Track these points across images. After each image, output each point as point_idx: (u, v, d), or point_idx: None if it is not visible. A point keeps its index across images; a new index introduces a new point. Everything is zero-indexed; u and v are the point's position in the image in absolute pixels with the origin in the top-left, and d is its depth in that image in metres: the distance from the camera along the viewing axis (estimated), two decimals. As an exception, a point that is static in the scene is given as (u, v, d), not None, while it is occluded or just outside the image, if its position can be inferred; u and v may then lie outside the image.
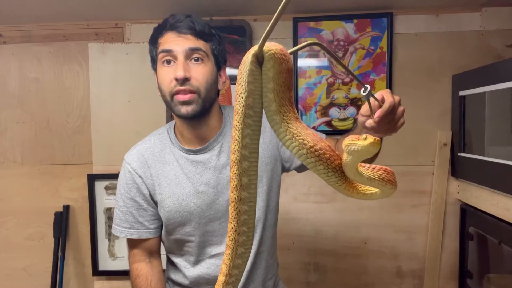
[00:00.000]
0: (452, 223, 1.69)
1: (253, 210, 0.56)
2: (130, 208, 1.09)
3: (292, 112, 0.52)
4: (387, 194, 0.56)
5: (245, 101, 0.51)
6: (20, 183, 1.86)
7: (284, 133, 0.51)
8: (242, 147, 0.52)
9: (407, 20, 1.67)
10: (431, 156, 1.69)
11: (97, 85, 1.78)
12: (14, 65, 1.83)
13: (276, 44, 0.51)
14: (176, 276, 1.15)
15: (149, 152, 1.10)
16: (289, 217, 1.74)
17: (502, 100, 1.39)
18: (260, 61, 0.50)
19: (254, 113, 0.52)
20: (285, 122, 0.51)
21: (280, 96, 0.51)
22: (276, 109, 0.51)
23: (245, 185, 0.54)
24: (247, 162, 0.53)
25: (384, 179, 0.54)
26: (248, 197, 0.55)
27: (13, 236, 1.88)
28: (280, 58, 0.50)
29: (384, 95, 0.75)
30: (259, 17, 1.72)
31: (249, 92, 0.50)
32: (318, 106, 1.71)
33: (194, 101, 1.00)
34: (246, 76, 0.50)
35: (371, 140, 0.49)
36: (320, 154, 0.51)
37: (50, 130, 1.84)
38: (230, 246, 0.59)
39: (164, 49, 1.02)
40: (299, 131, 0.51)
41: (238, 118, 0.52)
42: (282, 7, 0.45)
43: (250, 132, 0.52)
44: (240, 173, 0.54)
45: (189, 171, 1.07)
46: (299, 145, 0.51)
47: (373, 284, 1.75)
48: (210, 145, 1.08)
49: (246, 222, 0.57)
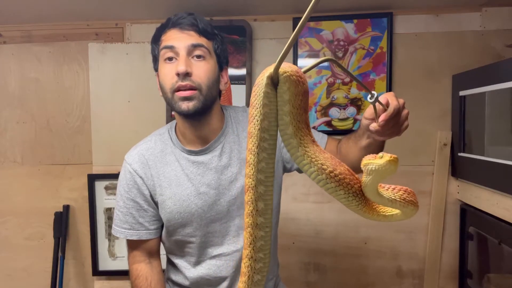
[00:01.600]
0: (452, 223, 1.69)
1: (269, 236, 0.55)
2: (130, 209, 1.09)
3: (309, 135, 0.51)
4: (408, 215, 0.55)
5: (261, 124, 0.49)
6: (20, 183, 1.86)
7: (302, 157, 0.50)
8: (258, 172, 0.51)
9: (407, 20, 1.67)
10: (431, 156, 1.69)
11: (97, 85, 1.78)
12: (14, 65, 1.83)
13: (291, 66, 0.49)
14: (177, 277, 1.15)
15: (150, 152, 1.10)
16: (289, 217, 1.74)
17: (502, 100, 1.39)
18: (275, 83, 0.48)
19: (270, 137, 0.50)
20: (302, 146, 0.50)
21: (297, 119, 0.50)
22: (293, 132, 0.50)
23: (261, 211, 0.53)
24: (263, 187, 0.52)
25: (405, 199, 0.52)
26: (264, 223, 0.53)
27: (13, 236, 1.88)
28: (296, 80, 0.49)
29: (388, 99, 0.74)
30: (259, 17, 1.72)
31: (264, 115, 0.49)
32: (318, 106, 1.71)
33: (195, 97, 0.99)
34: (261, 98, 0.49)
35: (388, 158, 0.48)
36: (340, 179, 0.50)
37: (50, 130, 1.84)
38: (245, 273, 0.57)
39: (166, 46, 1.01)
40: (317, 155, 0.50)
41: (253, 141, 0.51)
42: (298, 28, 0.44)
43: (266, 156, 0.51)
44: (255, 198, 0.52)
45: (190, 172, 1.07)
46: (317, 170, 0.49)
47: (373, 284, 1.75)
48: (211, 146, 1.08)
49: (262, 248, 0.55)
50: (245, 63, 1.71)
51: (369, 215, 0.55)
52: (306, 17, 0.43)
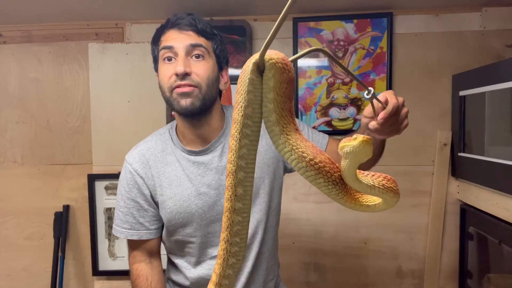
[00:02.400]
0: (452, 223, 1.69)
1: (246, 221, 0.55)
2: (131, 209, 1.09)
3: (292, 123, 0.51)
4: (390, 204, 0.55)
5: (244, 110, 0.49)
6: (20, 183, 1.86)
7: (283, 145, 0.50)
8: (239, 158, 0.51)
9: (407, 20, 1.67)
10: (431, 156, 1.69)
11: (97, 85, 1.78)
12: (14, 65, 1.83)
13: (278, 53, 0.50)
14: (177, 277, 1.14)
15: (150, 152, 1.10)
16: (289, 217, 1.74)
17: (502, 100, 1.39)
18: (261, 70, 0.49)
19: (253, 123, 0.50)
20: (284, 134, 0.50)
21: (281, 106, 0.50)
22: (275, 119, 0.50)
23: (239, 196, 0.53)
24: (242, 173, 0.52)
25: (384, 186, 0.52)
26: (242, 208, 0.54)
27: (13, 236, 1.88)
28: (282, 68, 0.49)
29: (387, 97, 0.74)
30: (259, 17, 1.72)
31: (248, 101, 0.49)
32: (318, 106, 1.71)
33: (194, 94, 0.99)
34: (246, 85, 0.49)
35: (361, 139, 0.48)
36: (320, 167, 0.50)
37: (50, 130, 1.84)
38: (221, 255, 0.58)
39: (165, 46, 1.02)
40: (298, 143, 0.50)
41: (236, 127, 0.51)
42: (283, 15, 0.44)
43: (248, 143, 0.51)
44: (235, 184, 0.52)
45: (191, 172, 1.06)
46: (298, 158, 0.50)
47: (373, 284, 1.75)
48: (212, 146, 1.08)
49: (239, 232, 0.55)
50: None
51: (351, 205, 0.55)
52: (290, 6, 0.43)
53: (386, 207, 0.55)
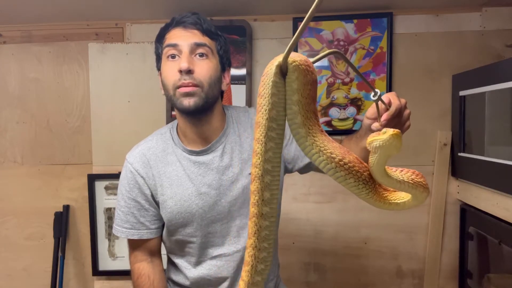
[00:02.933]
0: (452, 223, 1.69)
1: (273, 225, 0.54)
2: (132, 209, 1.09)
3: (317, 124, 0.51)
4: (419, 200, 0.53)
5: (269, 113, 0.49)
6: (20, 183, 1.86)
7: (311, 146, 0.50)
8: (265, 161, 0.51)
9: (407, 20, 1.67)
10: (431, 156, 1.69)
11: (97, 85, 1.78)
12: (14, 65, 1.83)
13: (300, 55, 0.50)
14: (177, 277, 1.15)
15: (151, 152, 1.10)
16: (289, 217, 1.74)
17: (502, 100, 1.39)
18: (284, 72, 0.48)
19: (278, 126, 0.50)
20: (311, 136, 0.50)
21: (305, 108, 0.49)
22: (301, 122, 0.49)
23: (267, 200, 0.52)
24: (269, 177, 0.52)
25: (414, 180, 0.52)
26: (269, 212, 0.53)
27: (13, 236, 1.88)
28: (305, 70, 0.49)
29: (391, 98, 0.75)
30: (259, 17, 1.72)
31: (272, 104, 0.49)
32: (318, 106, 1.71)
33: (197, 94, 1.00)
34: (269, 88, 0.48)
35: (391, 132, 0.48)
36: (350, 167, 0.50)
37: (50, 130, 1.84)
38: (249, 262, 0.57)
39: (169, 44, 1.02)
40: (325, 145, 0.50)
41: (261, 131, 0.50)
42: (307, 18, 0.44)
43: (273, 146, 0.50)
44: (262, 188, 0.52)
45: (192, 172, 1.07)
46: (327, 159, 0.49)
47: (373, 284, 1.75)
48: (213, 146, 1.08)
49: (267, 238, 0.55)
50: (245, 63, 1.71)
51: (380, 204, 0.54)
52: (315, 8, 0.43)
53: (416, 203, 0.55)
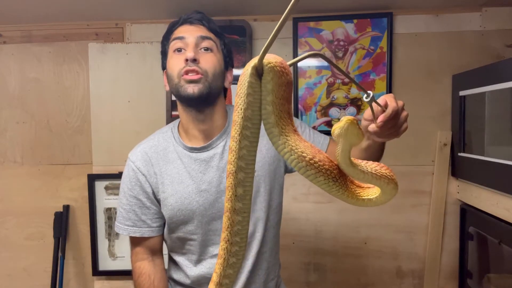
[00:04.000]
0: (452, 223, 1.69)
1: (246, 221, 0.56)
2: (133, 206, 1.09)
3: (290, 124, 0.53)
4: (388, 193, 0.55)
5: (244, 112, 0.51)
6: (20, 183, 1.86)
7: (283, 145, 0.51)
8: (239, 158, 0.53)
9: (407, 20, 1.67)
10: (431, 156, 1.69)
11: (97, 85, 1.78)
12: (14, 65, 1.83)
13: (276, 57, 0.51)
14: (178, 276, 1.15)
15: (153, 150, 1.11)
16: (289, 217, 1.74)
17: (502, 100, 1.39)
18: (260, 73, 0.50)
19: (252, 125, 0.52)
20: (283, 135, 0.51)
21: (279, 108, 0.51)
22: (274, 121, 0.51)
23: (240, 196, 0.54)
24: (243, 173, 0.53)
25: (377, 171, 0.53)
26: (242, 208, 0.55)
27: (13, 236, 1.88)
28: (280, 71, 0.50)
29: (387, 100, 0.75)
30: (259, 17, 1.72)
31: (248, 104, 0.51)
32: (318, 106, 1.71)
33: (201, 81, 1.02)
34: (245, 88, 0.50)
35: (345, 119, 0.50)
36: (320, 166, 0.51)
37: (50, 130, 1.84)
38: (222, 255, 0.59)
39: (176, 37, 1.06)
40: (297, 144, 0.51)
41: (236, 129, 0.52)
42: (283, 20, 0.45)
43: (248, 144, 0.52)
44: (235, 184, 0.54)
45: (192, 170, 1.07)
46: (298, 158, 0.51)
47: (373, 284, 1.75)
48: (213, 143, 1.08)
49: (239, 232, 0.57)
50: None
51: (353, 200, 0.56)
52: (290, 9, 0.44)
53: (386, 198, 0.56)
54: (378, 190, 0.56)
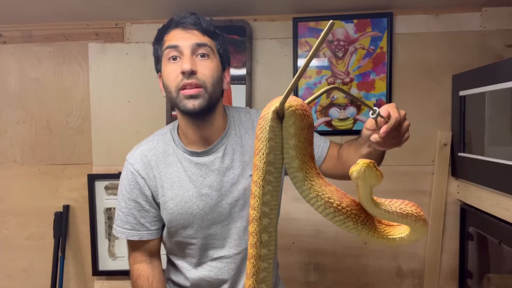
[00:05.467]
0: (452, 223, 1.69)
1: (271, 267, 0.55)
2: (132, 209, 1.08)
3: (314, 168, 0.51)
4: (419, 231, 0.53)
5: (266, 157, 0.50)
6: (20, 183, 1.86)
7: (308, 191, 0.50)
8: (263, 204, 0.51)
9: (407, 20, 1.67)
10: (431, 156, 1.69)
11: (97, 85, 1.78)
12: (14, 65, 1.83)
13: (297, 99, 0.50)
14: (177, 278, 1.14)
15: (152, 153, 1.09)
16: (289, 217, 1.74)
17: (502, 100, 1.39)
18: (281, 116, 0.49)
19: (275, 170, 0.51)
20: (308, 180, 0.50)
21: (303, 152, 0.50)
22: (298, 166, 0.50)
23: (265, 242, 0.53)
24: (267, 219, 0.52)
25: (402, 211, 0.51)
26: (267, 254, 0.54)
27: (13, 236, 1.88)
28: (301, 114, 0.49)
29: (390, 111, 0.74)
30: (259, 17, 1.72)
31: (270, 148, 0.49)
32: (318, 106, 1.71)
33: (201, 95, 0.99)
34: (266, 132, 0.49)
35: (361, 163, 0.48)
36: (348, 211, 0.50)
37: (50, 130, 1.84)
38: None
39: (170, 45, 1.01)
40: (323, 189, 0.50)
41: (259, 174, 0.51)
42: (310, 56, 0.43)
43: (271, 189, 0.51)
44: (260, 230, 0.53)
45: (193, 174, 1.06)
46: (325, 204, 0.50)
47: (373, 284, 1.75)
48: (214, 147, 1.07)
49: (265, 279, 0.55)
50: (245, 63, 1.71)
51: (383, 241, 0.55)
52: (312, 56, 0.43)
53: (416, 235, 0.54)
54: (406, 229, 0.55)
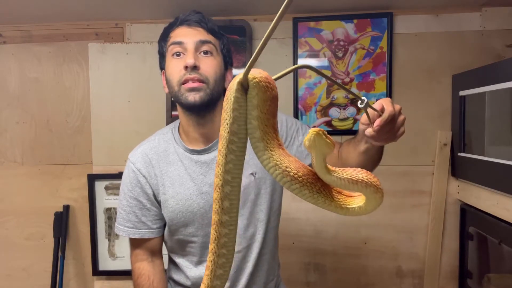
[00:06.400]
0: (452, 223, 1.69)
1: (233, 233, 0.57)
2: (133, 208, 1.09)
3: (275, 139, 0.53)
4: (373, 198, 0.54)
5: (230, 127, 0.52)
6: (20, 183, 1.86)
7: (267, 160, 0.52)
8: (225, 172, 0.53)
9: (407, 20, 1.67)
10: (431, 156, 1.69)
11: (97, 85, 1.78)
12: (14, 65, 1.83)
13: (261, 72, 0.52)
14: (178, 276, 1.15)
15: (153, 151, 1.10)
16: (289, 217, 1.74)
17: (502, 100, 1.39)
18: (246, 88, 0.51)
19: (239, 139, 0.52)
20: (268, 150, 0.52)
21: (264, 123, 0.52)
22: (260, 136, 0.52)
23: (226, 209, 0.55)
24: (229, 187, 0.54)
25: (353, 177, 0.52)
26: (229, 221, 0.56)
27: (13, 236, 1.88)
28: (265, 86, 0.51)
29: (384, 105, 0.75)
30: (259, 17, 1.72)
31: (233, 118, 0.51)
32: (318, 106, 1.71)
33: (203, 89, 1.01)
34: (231, 103, 0.51)
35: (311, 131, 0.50)
36: (303, 180, 0.52)
37: (50, 130, 1.84)
38: (209, 267, 0.60)
39: (174, 41, 1.04)
40: (281, 159, 0.52)
41: (222, 143, 0.53)
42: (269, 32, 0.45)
43: (234, 158, 0.53)
44: (222, 197, 0.55)
45: (193, 172, 1.07)
46: (282, 173, 0.51)
47: (373, 284, 1.75)
48: (214, 145, 1.08)
49: (225, 244, 0.58)
50: (245, 63, 1.71)
51: (341, 210, 0.56)
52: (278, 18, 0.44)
53: (372, 204, 0.54)
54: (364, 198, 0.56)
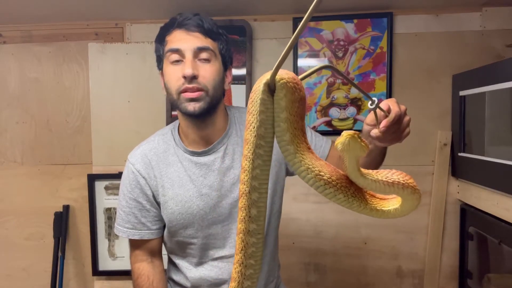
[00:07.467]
0: (452, 223, 1.69)
1: (261, 242, 0.55)
2: (133, 209, 1.09)
3: (304, 142, 0.51)
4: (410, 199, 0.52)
5: (257, 131, 0.49)
6: (20, 183, 1.86)
7: (299, 164, 0.50)
8: (252, 178, 0.51)
9: (407, 20, 1.67)
10: (431, 156, 1.69)
11: (97, 85, 1.78)
12: (14, 65, 1.83)
13: (288, 72, 0.50)
14: (178, 277, 1.15)
15: (153, 152, 1.09)
16: (289, 217, 1.74)
17: (502, 100, 1.39)
18: (272, 90, 0.49)
19: (266, 143, 0.50)
20: (299, 153, 0.50)
21: (294, 126, 0.50)
22: (290, 139, 0.50)
23: (254, 217, 0.53)
24: (256, 194, 0.52)
25: (388, 179, 0.51)
26: (256, 229, 0.54)
27: (13, 236, 1.88)
28: (293, 87, 0.49)
29: (390, 105, 0.74)
30: (259, 17, 1.72)
31: (260, 122, 0.49)
32: (318, 106, 1.71)
33: (202, 98, 0.99)
34: (257, 105, 0.49)
35: (345, 135, 0.49)
36: (338, 184, 0.50)
37: (50, 130, 1.84)
38: (236, 278, 0.57)
39: (172, 48, 1.01)
40: (313, 163, 0.50)
41: (249, 148, 0.51)
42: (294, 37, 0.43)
43: (261, 163, 0.51)
44: (249, 205, 0.52)
45: (193, 173, 1.06)
46: (315, 177, 0.50)
47: (373, 284, 1.75)
48: (214, 147, 1.07)
49: (253, 255, 0.55)
50: (245, 63, 1.71)
51: (377, 213, 0.54)
52: (307, 18, 0.43)
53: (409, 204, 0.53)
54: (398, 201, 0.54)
